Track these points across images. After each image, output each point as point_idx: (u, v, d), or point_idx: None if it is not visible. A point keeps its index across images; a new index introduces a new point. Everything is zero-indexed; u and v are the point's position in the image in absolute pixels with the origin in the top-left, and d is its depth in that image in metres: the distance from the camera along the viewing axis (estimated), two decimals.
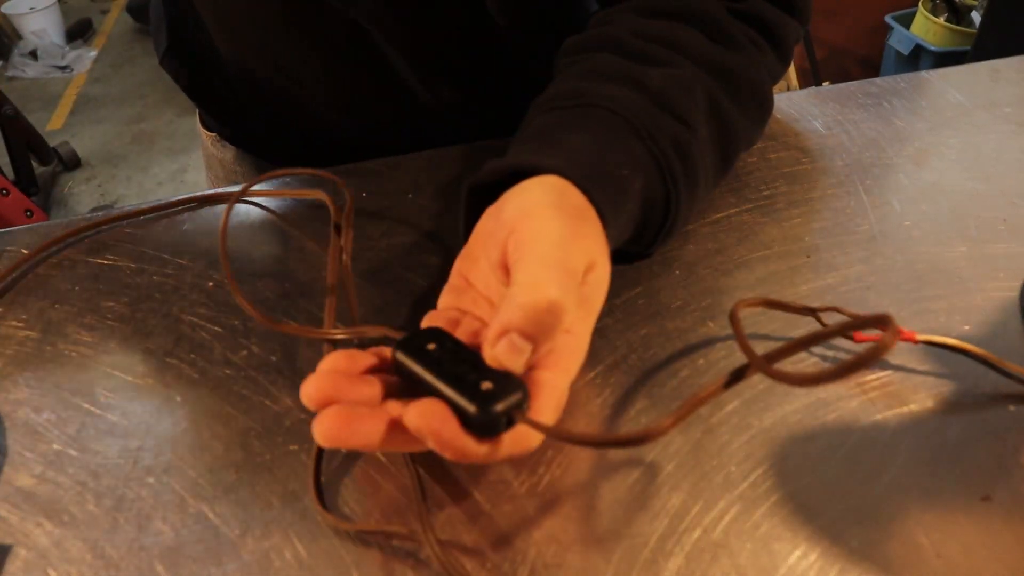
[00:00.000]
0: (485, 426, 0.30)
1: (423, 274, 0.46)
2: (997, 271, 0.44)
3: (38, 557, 0.33)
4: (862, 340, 0.40)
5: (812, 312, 0.42)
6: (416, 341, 0.33)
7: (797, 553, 0.32)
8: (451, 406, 0.30)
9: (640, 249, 0.44)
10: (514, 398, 0.30)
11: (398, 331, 0.36)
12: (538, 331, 0.30)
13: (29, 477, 0.36)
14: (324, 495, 0.35)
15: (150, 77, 3.07)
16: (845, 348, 0.40)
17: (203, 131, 0.72)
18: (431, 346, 0.32)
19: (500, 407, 0.30)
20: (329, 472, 0.36)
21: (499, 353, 0.30)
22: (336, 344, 0.40)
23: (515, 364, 0.30)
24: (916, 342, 0.39)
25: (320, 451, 0.36)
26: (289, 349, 0.42)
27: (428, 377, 0.31)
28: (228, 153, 0.69)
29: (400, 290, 0.45)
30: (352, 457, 0.36)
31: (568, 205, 0.34)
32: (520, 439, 0.31)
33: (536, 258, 0.31)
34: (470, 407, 0.29)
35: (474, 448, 0.29)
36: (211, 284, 0.46)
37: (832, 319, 0.41)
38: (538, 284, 0.30)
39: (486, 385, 0.30)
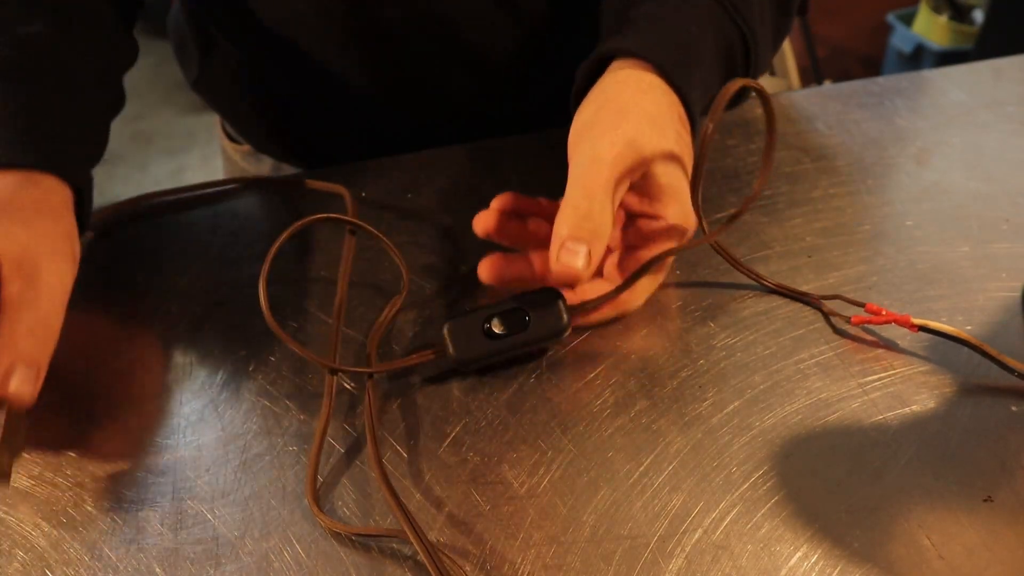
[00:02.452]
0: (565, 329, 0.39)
1: (422, 274, 0.46)
2: (1000, 271, 0.44)
3: (36, 559, 0.33)
4: (859, 322, 0.40)
5: (816, 300, 0.42)
6: (464, 330, 0.38)
7: (798, 555, 0.32)
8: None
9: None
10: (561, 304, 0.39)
11: (429, 352, 0.39)
12: (587, 235, 0.35)
13: (27, 478, 0.36)
14: (321, 497, 0.35)
15: (148, 76, 3.06)
16: (848, 339, 0.40)
17: (229, 144, 0.71)
18: (482, 325, 0.38)
19: (565, 323, 0.38)
20: (327, 474, 0.36)
21: (562, 258, 0.35)
22: (334, 373, 0.39)
23: (577, 263, 0.35)
24: (913, 327, 0.39)
25: (318, 453, 0.36)
26: (287, 349, 0.41)
27: (507, 347, 0.38)
28: (264, 166, 0.69)
29: (399, 290, 0.45)
30: (350, 458, 0.36)
31: (624, 94, 0.39)
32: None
33: (573, 182, 0.37)
34: (558, 334, 0.39)
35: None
36: (209, 284, 0.46)
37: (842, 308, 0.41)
38: (576, 205, 0.36)
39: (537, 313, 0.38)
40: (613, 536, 0.33)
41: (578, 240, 0.35)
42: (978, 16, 1.98)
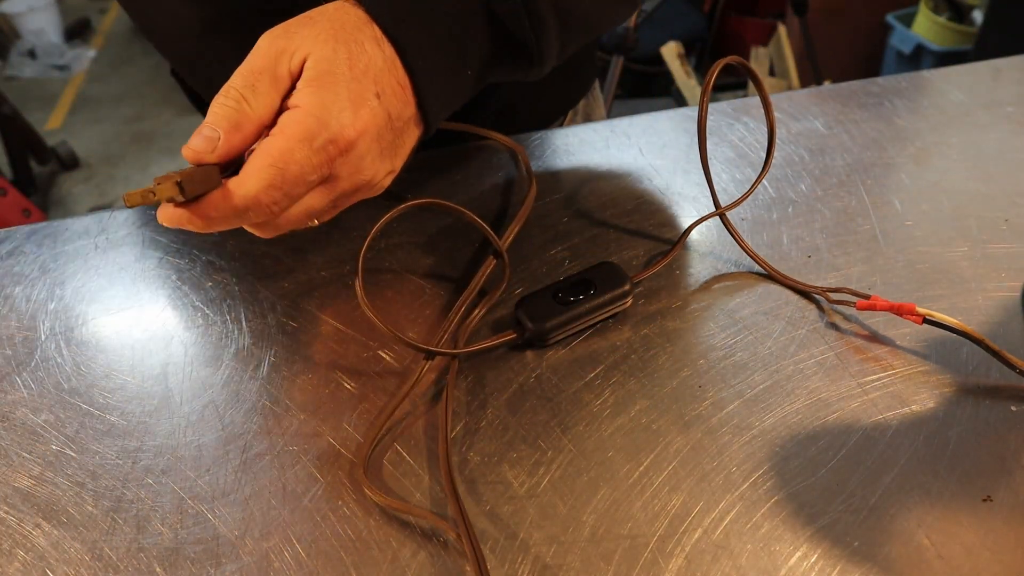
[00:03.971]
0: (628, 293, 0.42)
1: (421, 273, 0.46)
2: (999, 271, 0.44)
3: (36, 559, 0.33)
4: (864, 307, 0.40)
5: (822, 291, 0.42)
6: (536, 304, 0.41)
7: (798, 554, 0.32)
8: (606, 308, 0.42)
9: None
10: (622, 276, 0.42)
11: (510, 332, 0.41)
12: (224, 124, 0.36)
13: (27, 478, 0.36)
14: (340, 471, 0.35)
15: (149, 76, 3.07)
16: (848, 338, 0.40)
17: None
18: (547, 300, 0.41)
19: (629, 286, 0.42)
20: (352, 451, 0.36)
21: (191, 143, 0.35)
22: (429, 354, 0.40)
23: (202, 145, 0.35)
24: (918, 317, 0.39)
25: (378, 433, 0.37)
26: (288, 349, 0.41)
27: (581, 312, 0.41)
28: None
29: (400, 289, 0.45)
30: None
31: (318, 9, 0.38)
32: None
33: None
34: (624, 295, 0.42)
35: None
36: (209, 284, 0.46)
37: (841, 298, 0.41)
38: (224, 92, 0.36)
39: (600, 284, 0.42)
40: (613, 536, 0.33)
41: (214, 126, 0.35)
42: (977, 16, 1.99)
